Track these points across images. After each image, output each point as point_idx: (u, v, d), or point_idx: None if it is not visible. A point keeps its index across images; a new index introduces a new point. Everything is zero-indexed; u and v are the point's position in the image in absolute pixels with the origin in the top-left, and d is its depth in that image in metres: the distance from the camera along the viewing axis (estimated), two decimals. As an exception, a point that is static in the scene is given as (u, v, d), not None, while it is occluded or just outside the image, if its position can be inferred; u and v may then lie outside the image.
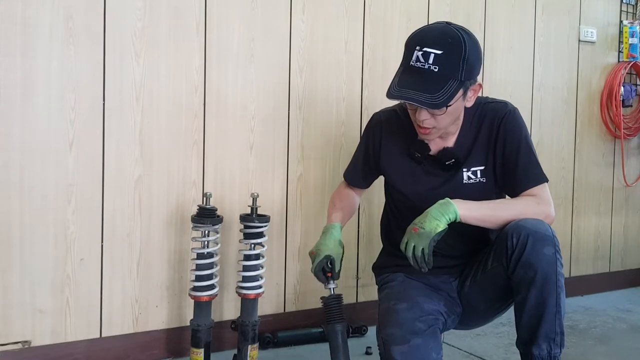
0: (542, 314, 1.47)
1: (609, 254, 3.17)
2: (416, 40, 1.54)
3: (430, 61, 1.50)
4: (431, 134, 1.60)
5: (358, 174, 1.86)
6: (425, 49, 1.51)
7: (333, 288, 1.65)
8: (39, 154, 1.80)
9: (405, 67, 1.55)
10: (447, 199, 1.53)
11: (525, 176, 1.61)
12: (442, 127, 1.59)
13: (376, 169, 1.83)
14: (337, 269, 1.66)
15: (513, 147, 1.63)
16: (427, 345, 1.48)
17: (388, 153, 1.77)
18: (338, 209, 1.83)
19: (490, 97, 1.75)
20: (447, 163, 1.65)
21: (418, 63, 1.51)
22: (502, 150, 1.64)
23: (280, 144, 2.20)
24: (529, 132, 2.78)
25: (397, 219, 1.78)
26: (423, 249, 1.48)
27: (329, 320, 1.66)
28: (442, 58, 1.50)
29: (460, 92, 1.53)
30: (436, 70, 1.49)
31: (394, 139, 1.75)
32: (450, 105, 1.52)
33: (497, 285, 1.59)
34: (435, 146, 1.68)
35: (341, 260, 1.69)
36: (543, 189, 1.61)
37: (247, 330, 1.91)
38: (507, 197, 1.69)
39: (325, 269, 1.64)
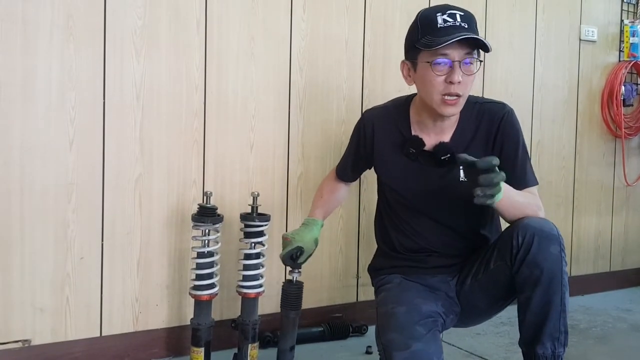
0: (548, 312, 1.47)
1: (609, 254, 3.17)
2: (434, 10, 1.57)
3: (459, 19, 1.53)
4: (457, 105, 1.58)
5: (348, 170, 1.90)
6: (449, 11, 1.54)
7: (295, 277, 1.81)
8: (39, 153, 1.80)
9: (434, 31, 1.53)
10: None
11: (522, 177, 1.63)
12: (465, 98, 1.59)
13: (367, 167, 1.85)
14: (301, 261, 1.77)
15: (511, 148, 1.64)
16: (428, 350, 1.48)
17: (381, 151, 1.75)
18: (325, 202, 1.91)
19: (486, 97, 1.76)
20: (442, 158, 1.63)
21: (447, 23, 1.52)
22: (499, 151, 1.64)
23: (281, 142, 2.20)
24: (530, 131, 2.81)
25: (391, 218, 1.77)
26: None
27: (285, 306, 1.82)
28: (466, 18, 1.54)
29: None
30: (466, 27, 1.52)
31: (387, 136, 1.74)
32: (481, 63, 1.57)
33: (500, 284, 1.59)
34: (430, 141, 1.67)
35: (309, 255, 1.79)
36: (535, 191, 1.65)
37: (248, 329, 1.91)
38: None
39: (293, 257, 1.76)
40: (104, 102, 1.88)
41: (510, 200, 1.50)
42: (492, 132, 1.65)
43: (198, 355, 1.86)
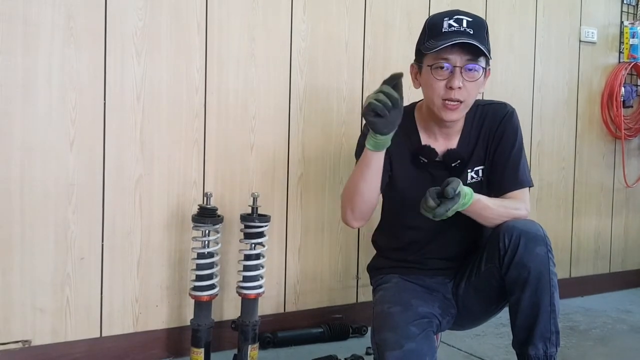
0: (537, 313, 1.48)
1: (609, 255, 3.17)
2: (442, 15, 1.56)
3: (465, 25, 1.52)
4: (458, 111, 1.57)
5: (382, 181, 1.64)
6: (456, 17, 1.54)
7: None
8: (39, 153, 1.80)
9: (437, 36, 1.52)
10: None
11: (512, 176, 1.64)
12: (468, 104, 1.58)
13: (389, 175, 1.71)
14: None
15: (507, 145, 1.65)
16: (421, 350, 1.48)
17: (396, 160, 1.69)
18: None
19: (487, 99, 1.76)
20: (453, 165, 1.64)
21: (452, 28, 1.52)
22: (495, 148, 1.66)
23: (281, 143, 2.20)
24: (529, 132, 2.81)
25: (394, 224, 1.76)
26: None
27: None
28: (473, 24, 1.53)
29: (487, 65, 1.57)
30: (472, 32, 1.51)
31: (397, 145, 1.63)
32: (486, 70, 1.55)
33: (492, 287, 1.59)
34: (439, 147, 1.67)
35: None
36: (524, 193, 1.64)
37: (248, 330, 1.91)
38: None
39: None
40: (104, 103, 1.88)
41: (475, 211, 1.52)
42: (493, 130, 1.66)
43: (198, 356, 1.87)
